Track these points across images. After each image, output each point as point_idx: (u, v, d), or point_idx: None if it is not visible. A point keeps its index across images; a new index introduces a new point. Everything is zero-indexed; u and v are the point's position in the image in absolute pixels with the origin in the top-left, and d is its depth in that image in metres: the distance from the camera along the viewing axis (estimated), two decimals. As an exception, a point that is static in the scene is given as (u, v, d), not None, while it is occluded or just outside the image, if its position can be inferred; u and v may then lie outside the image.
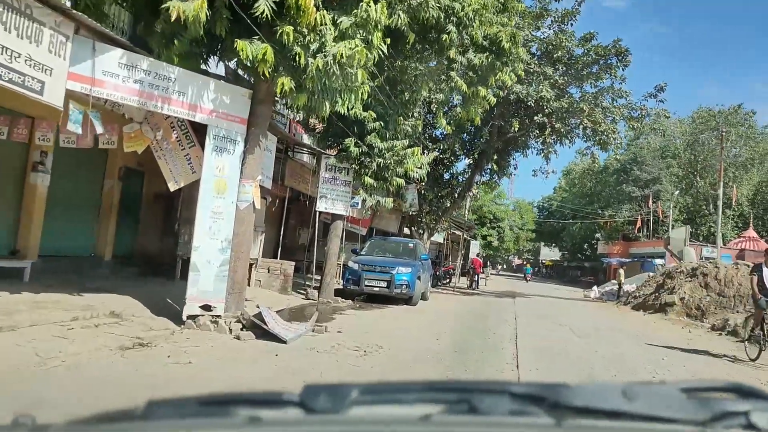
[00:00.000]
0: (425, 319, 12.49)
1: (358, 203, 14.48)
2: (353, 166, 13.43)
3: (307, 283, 14.88)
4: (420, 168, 14.07)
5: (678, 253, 28.88)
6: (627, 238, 47.60)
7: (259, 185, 10.50)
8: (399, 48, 12.87)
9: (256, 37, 7.08)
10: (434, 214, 22.52)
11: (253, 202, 8.52)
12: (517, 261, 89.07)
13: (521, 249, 73.21)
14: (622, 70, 18.21)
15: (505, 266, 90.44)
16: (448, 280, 27.14)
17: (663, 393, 1.01)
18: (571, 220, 57.82)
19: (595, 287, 31.43)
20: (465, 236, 33.91)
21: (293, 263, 14.20)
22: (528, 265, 63.95)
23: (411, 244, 16.69)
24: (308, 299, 13.42)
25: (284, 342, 7.45)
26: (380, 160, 13.02)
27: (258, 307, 7.78)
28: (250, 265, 13.60)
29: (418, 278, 14.91)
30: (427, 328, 10.89)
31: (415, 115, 14.01)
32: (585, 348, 9.63)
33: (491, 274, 40.40)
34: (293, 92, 7.80)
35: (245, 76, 9.72)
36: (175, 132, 8.33)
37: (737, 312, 14.92)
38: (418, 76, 13.08)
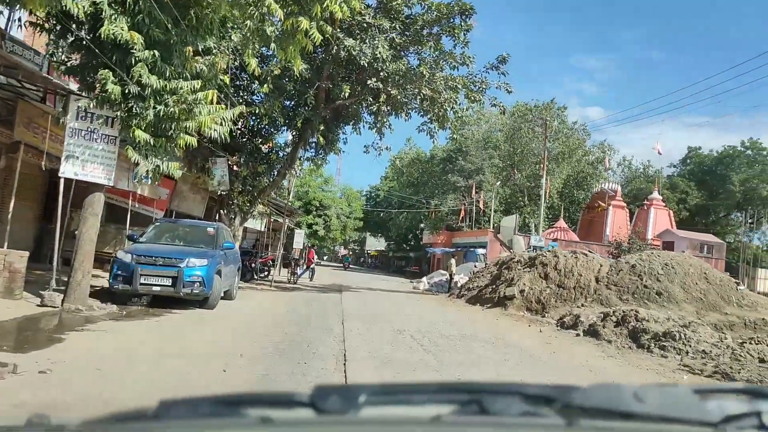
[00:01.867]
0: (221, 332, 8.99)
1: (149, 178, 10.48)
2: (119, 113, 9.33)
3: (65, 280, 10.31)
4: (221, 125, 10.40)
5: (508, 242, 28.53)
6: (451, 228, 47.84)
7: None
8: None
9: None
10: (249, 195, 18.78)
11: None
12: (343, 251, 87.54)
13: (348, 239, 71.55)
14: (465, 34, 16.08)
15: (330, 257, 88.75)
16: (266, 273, 23.53)
17: (675, 394, 1.00)
18: (397, 210, 57.20)
19: (424, 279, 29.88)
20: (288, 224, 30.45)
21: (25, 253, 9.65)
22: (349, 255, 70.46)
23: (211, 229, 12.87)
24: (44, 305, 9.10)
25: None
26: (160, 107, 9.16)
27: None
28: (-51, 257, 8.95)
29: (218, 273, 11.30)
30: (217, 348, 7.44)
31: (216, 52, 10.33)
32: (442, 371, 6.84)
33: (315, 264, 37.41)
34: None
35: None
36: None
37: (582, 306, 13.55)
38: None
